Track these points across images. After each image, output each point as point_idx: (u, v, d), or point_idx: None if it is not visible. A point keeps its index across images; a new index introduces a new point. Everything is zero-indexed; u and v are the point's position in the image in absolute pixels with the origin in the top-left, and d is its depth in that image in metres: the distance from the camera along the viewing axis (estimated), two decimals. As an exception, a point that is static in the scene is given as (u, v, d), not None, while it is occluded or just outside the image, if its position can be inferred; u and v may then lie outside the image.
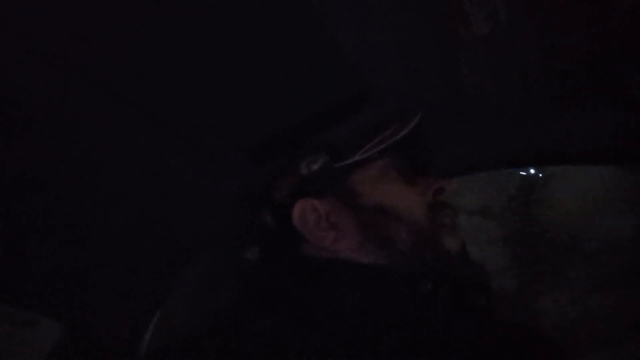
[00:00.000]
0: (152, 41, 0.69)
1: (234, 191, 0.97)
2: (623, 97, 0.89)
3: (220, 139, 0.91)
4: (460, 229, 0.72)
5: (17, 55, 0.67)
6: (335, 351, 0.51)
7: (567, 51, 0.82)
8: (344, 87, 0.85)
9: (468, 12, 0.71)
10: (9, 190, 0.88)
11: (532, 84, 0.89)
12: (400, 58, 0.82)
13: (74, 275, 1.16)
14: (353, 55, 0.79)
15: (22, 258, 1.06)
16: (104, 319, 1.28)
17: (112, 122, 0.82)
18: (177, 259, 1.25)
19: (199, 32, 0.69)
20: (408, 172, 0.77)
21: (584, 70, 0.85)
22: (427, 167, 0.82)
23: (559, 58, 0.84)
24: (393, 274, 0.63)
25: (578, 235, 3.88)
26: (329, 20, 0.72)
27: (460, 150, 1.10)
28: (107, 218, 1.04)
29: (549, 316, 3.56)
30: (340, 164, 0.73)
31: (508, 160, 1.18)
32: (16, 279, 1.10)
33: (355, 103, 0.85)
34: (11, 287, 1.13)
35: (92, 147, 0.85)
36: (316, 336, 0.53)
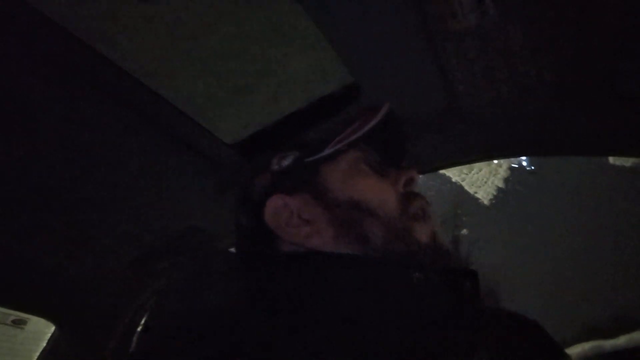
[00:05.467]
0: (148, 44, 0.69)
1: (216, 192, 0.97)
2: (614, 90, 0.89)
3: (212, 135, 0.91)
4: (431, 217, 0.71)
5: (18, 55, 0.67)
6: (328, 345, 0.51)
7: (558, 44, 0.82)
8: (333, 82, 0.85)
9: (455, 3, 0.71)
10: (8, 190, 0.87)
11: (522, 76, 0.89)
12: (388, 50, 0.82)
13: (68, 275, 1.16)
14: (341, 48, 0.79)
15: (15, 258, 1.05)
16: (97, 318, 1.28)
17: (109, 120, 0.82)
18: (171, 255, 1.25)
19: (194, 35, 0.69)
20: (378, 164, 0.75)
21: (575, 63, 0.86)
22: (398, 158, 0.81)
23: (549, 51, 0.84)
24: (380, 264, 0.63)
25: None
26: (320, 16, 0.72)
27: (450, 143, 1.11)
28: (100, 215, 1.04)
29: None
30: (311, 158, 0.72)
31: (498, 151, 1.19)
32: (9, 279, 1.10)
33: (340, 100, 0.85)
34: (2, 287, 1.12)
35: (89, 146, 0.85)
36: (310, 332, 0.52)
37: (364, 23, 0.75)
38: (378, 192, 0.69)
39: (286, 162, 0.73)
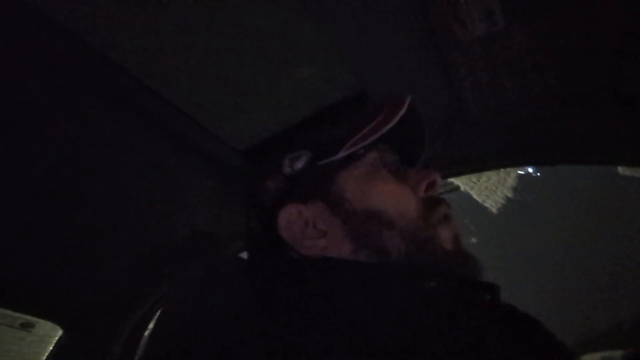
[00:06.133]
0: (151, 44, 0.70)
1: (223, 194, 0.96)
2: (621, 96, 0.89)
3: (218, 140, 0.92)
4: (453, 223, 0.66)
5: (18, 55, 0.67)
6: (337, 350, 0.50)
7: (563, 50, 0.82)
8: (340, 88, 0.85)
9: (463, 13, 0.71)
10: (8, 191, 0.88)
11: (528, 83, 0.89)
12: (396, 58, 0.82)
13: (75, 279, 1.16)
14: (350, 55, 0.79)
15: (23, 262, 1.05)
16: (104, 322, 1.28)
17: (112, 122, 0.82)
18: (177, 259, 1.25)
19: (196, 35, 0.69)
20: (398, 165, 0.71)
21: (581, 70, 0.86)
22: (417, 156, 0.76)
23: (556, 58, 0.84)
24: (394, 272, 0.60)
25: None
26: (326, 21, 0.72)
27: (457, 151, 1.10)
28: (106, 219, 1.04)
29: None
30: (325, 161, 0.68)
31: (505, 160, 1.18)
32: (17, 283, 1.10)
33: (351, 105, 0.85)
34: (10, 291, 1.12)
35: (92, 147, 0.85)
36: (317, 336, 0.51)
37: (372, 30, 0.75)
38: (398, 200, 0.65)
39: (299, 165, 0.68)
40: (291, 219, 0.66)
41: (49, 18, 0.63)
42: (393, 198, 0.65)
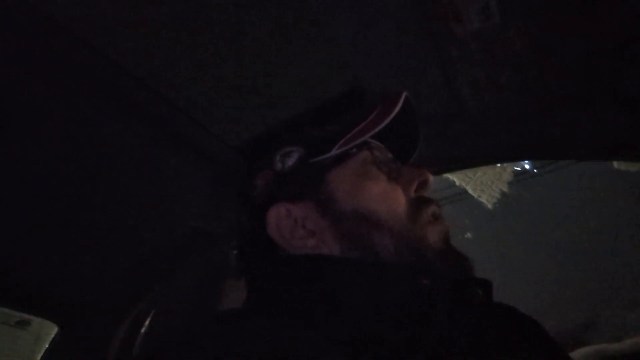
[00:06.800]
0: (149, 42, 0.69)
1: (220, 192, 0.96)
2: (618, 94, 0.89)
3: (215, 137, 0.91)
4: (442, 222, 0.67)
5: (18, 55, 0.67)
6: (335, 349, 0.50)
7: (562, 48, 0.82)
8: (336, 85, 0.85)
9: (460, 7, 0.71)
10: (7, 190, 0.88)
11: (526, 80, 0.89)
12: (393, 54, 0.81)
13: (70, 277, 1.16)
14: (346, 52, 0.79)
15: (18, 260, 1.05)
16: (100, 320, 1.28)
17: (109, 121, 0.82)
18: (174, 257, 1.25)
19: (196, 32, 0.69)
20: (390, 164, 0.70)
21: (579, 67, 0.86)
22: (410, 152, 0.76)
23: (554, 55, 0.84)
24: (388, 270, 0.60)
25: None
26: (324, 18, 0.72)
27: (454, 147, 1.10)
28: (103, 217, 1.04)
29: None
30: (316, 159, 0.67)
31: (501, 155, 1.19)
32: (12, 281, 1.10)
33: (347, 101, 0.85)
34: (6, 289, 1.12)
35: (90, 147, 0.85)
36: (315, 334, 0.51)
37: (368, 26, 0.75)
38: (388, 201, 0.65)
39: (290, 162, 0.68)
40: (280, 218, 0.65)
41: (49, 18, 0.62)
42: (383, 199, 0.65)
